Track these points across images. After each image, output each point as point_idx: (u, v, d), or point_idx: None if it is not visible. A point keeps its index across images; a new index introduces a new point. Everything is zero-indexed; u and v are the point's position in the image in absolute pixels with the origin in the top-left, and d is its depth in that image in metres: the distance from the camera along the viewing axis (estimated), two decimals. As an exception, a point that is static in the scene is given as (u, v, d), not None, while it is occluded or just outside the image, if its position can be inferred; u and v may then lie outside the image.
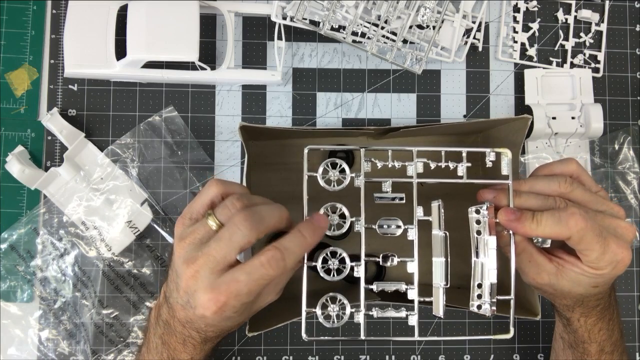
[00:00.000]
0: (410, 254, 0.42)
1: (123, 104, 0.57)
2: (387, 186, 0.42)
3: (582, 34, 0.60)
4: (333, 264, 0.42)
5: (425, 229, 0.42)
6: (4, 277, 0.55)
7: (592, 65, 0.60)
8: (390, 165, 0.42)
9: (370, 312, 0.42)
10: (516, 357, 0.58)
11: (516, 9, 0.60)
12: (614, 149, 0.60)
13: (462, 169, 0.43)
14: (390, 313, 0.42)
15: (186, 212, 0.41)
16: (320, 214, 0.42)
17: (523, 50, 0.60)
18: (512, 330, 0.42)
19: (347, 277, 0.41)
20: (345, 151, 0.54)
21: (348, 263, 0.42)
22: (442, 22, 0.54)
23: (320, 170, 0.43)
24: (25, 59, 0.57)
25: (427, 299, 0.42)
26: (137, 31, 0.51)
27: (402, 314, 0.42)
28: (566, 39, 0.60)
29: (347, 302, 0.41)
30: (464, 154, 0.43)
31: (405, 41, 0.54)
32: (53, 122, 0.54)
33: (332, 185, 0.43)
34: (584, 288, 0.42)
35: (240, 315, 0.40)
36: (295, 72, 0.58)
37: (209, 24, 0.58)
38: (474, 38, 0.58)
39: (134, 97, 0.57)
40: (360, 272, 0.42)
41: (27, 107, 0.56)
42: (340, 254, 0.42)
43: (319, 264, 0.42)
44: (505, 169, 0.43)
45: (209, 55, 0.58)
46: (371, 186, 0.43)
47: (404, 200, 0.43)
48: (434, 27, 0.53)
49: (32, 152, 0.56)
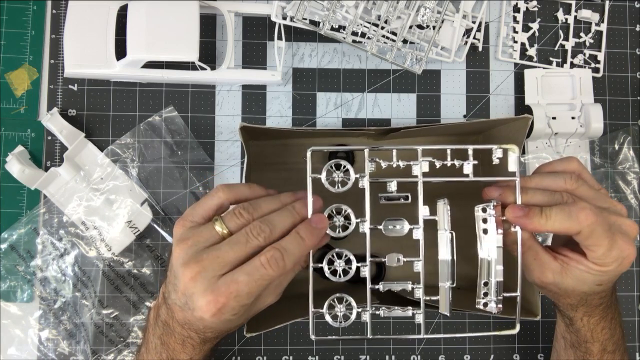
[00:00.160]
0: (412, 254, 0.42)
1: (123, 104, 0.57)
2: (393, 186, 0.42)
3: (582, 34, 0.60)
4: (339, 265, 0.42)
5: (428, 229, 0.42)
6: (4, 277, 0.55)
7: (592, 65, 0.60)
8: (395, 165, 0.42)
9: (377, 311, 0.42)
10: (516, 357, 0.58)
11: (516, 9, 0.60)
12: (614, 149, 0.60)
13: (468, 167, 0.42)
14: (397, 312, 0.42)
15: (188, 214, 0.41)
16: (320, 215, 0.41)
17: (523, 50, 0.60)
18: (518, 326, 0.42)
19: (351, 277, 0.42)
20: (345, 151, 0.54)
21: (354, 264, 0.41)
22: (442, 22, 0.54)
23: (324, 173, 0.42)
24: (25, 59, 0.57)
25: (433, 297, 0.41)
26: (137, 31, 0.51)
27: (408, 313, 0.42)
28: (566, 39, 0.60)
29: (354, 303, 0.41)
30: (470, 152, 0.42)
31: (405, 41, 0.54)
32: (53, 122, 0.54)
33: (336, 186, 0.42)
34: (588, 286, 0.42)
35: (239, 317, 0.40)
36: (295, 72, 0.58)
37: (209, 24, 0.58)
38: (474, 38, 0.58)
39: (134, 97, 0.57)
40: (366, 272, 0.42)
41: (27, 107, 0.56)
42: (346, 255, 0.42)
43: (325, 265, 0.42)
44: (513, 165, 0.42)
45: (209, 55, 0.58)
46: (375, 186, 0.43)
47: (409, 200, 0.42)
48: (434, 27, 0.53)
49: (32, 152, 0.56)
